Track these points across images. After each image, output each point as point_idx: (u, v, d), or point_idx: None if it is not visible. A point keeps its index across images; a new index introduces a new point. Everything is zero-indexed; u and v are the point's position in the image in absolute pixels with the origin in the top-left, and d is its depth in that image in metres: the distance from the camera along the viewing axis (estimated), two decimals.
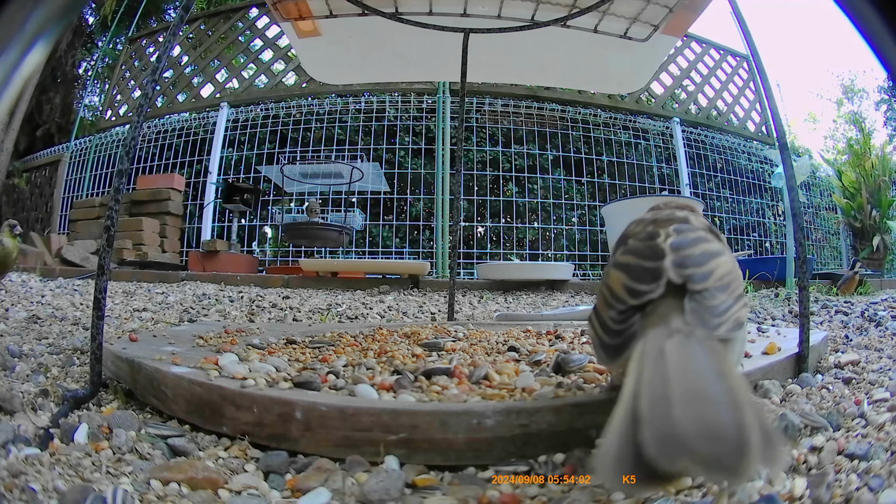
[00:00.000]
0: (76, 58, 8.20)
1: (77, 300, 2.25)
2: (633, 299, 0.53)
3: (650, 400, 0.40)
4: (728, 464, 0.35)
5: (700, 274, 0.53)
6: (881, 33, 0.39)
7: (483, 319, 1.99)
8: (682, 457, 0.35)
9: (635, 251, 0.58)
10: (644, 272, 0.55)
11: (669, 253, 0.55)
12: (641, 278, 0.54)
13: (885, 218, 5.73)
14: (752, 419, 0.37)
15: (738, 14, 1.11)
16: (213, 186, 4.92)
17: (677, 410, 0.38)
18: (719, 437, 0.36)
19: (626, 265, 0.57)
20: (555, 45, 1.77)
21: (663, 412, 0.38)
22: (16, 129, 6.43)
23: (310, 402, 0.63)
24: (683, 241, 0.57)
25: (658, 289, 0.52)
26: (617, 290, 0.55)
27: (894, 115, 12.38)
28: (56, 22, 0.40)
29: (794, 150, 7.10)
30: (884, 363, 0.99)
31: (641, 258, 0.57)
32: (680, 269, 0.53)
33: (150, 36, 6.34)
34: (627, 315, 0.53)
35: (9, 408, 0.71)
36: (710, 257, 0.56)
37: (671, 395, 0.39)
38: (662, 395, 0.40)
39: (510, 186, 5.26)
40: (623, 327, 0.52)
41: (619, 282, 0.56)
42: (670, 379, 0.41)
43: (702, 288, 0.52)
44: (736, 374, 0.43)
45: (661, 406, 0.39)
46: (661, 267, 0.54)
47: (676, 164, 5.45)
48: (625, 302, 0.54)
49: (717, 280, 0.54)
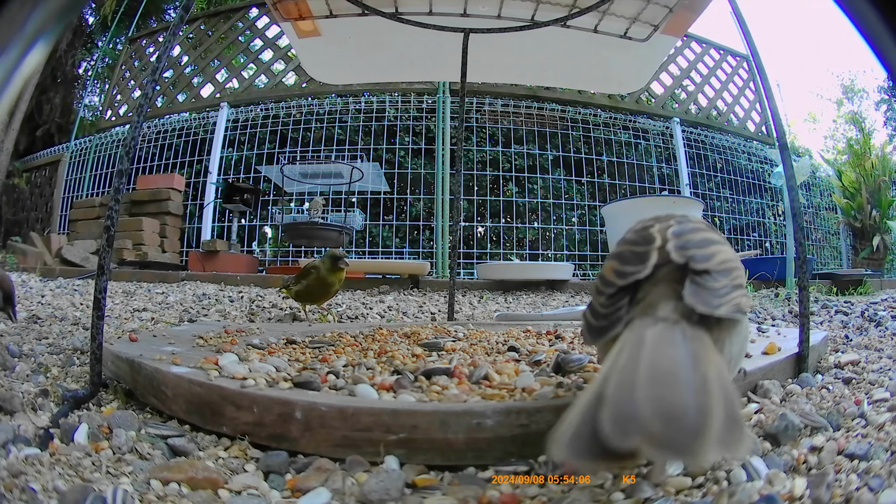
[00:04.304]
0: (76, 58, 8.20)
1: (77, 300, 2.25)
2: (621, 280, 0.54)
3: (617, 383, 0.40)
4: (682, 445, 0.35)
5: (702, 255, 0.54)
6: (881, 33, 0.39)
7: (483, 319, 1.99)
8: (634, 435, 0.36)
9: (628, 241, 0.60)
10: (633, 256, 0.56)
11: (671, 238, 0.56)
12: (630, 261, 0.56)
13: (885, 218, 5.73)
14: (718, 405, 0.38)
15: (738, 14, 1.11)
16: (213, 186, 4.92)
17: (640, 392, 0.38)
18: (676, 419, 0.36)
19: (619, 253, 0.59)
20: (555, 45, 1.77)
21: (627, 393, 0.39)
22: (16, 129, 6.44)
23: (310, 402, 0.63)
24: (684, 229, 0.58)
25: (645, 269, 0.54)
26: (607, 276, 0.57)
27: (894, 115, 12.38)
28: (56, 22, 0.40)
29: (794, 150, 7.10)
30: (884, 363, 0.99)
31: (633, 245, 0.58)
32: (682, 250, 0.54)
33: (150, 36, 6.33)
34: (616, 299, 0.54)
35: (9, 408, 0.71)
36: (711, 243, 0.57)
37: (638, 379, 0.40)
38: (630, 379, 0.40)
39: (510, 186, 5.26)
40: (610, 310, 0.53)
41: (609, 268, 0.58)
42: (641, 364, 0.42)
43: (703, 268, 0.53)
44: (715, 362, 0.44)
45: (626, 388, 0.39)
46: (650, 250, 0.55)
47: (676, 164, 5.45)
48: (613, 284, 0.55)
49: (719, 264, 0.54)
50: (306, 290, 1.85)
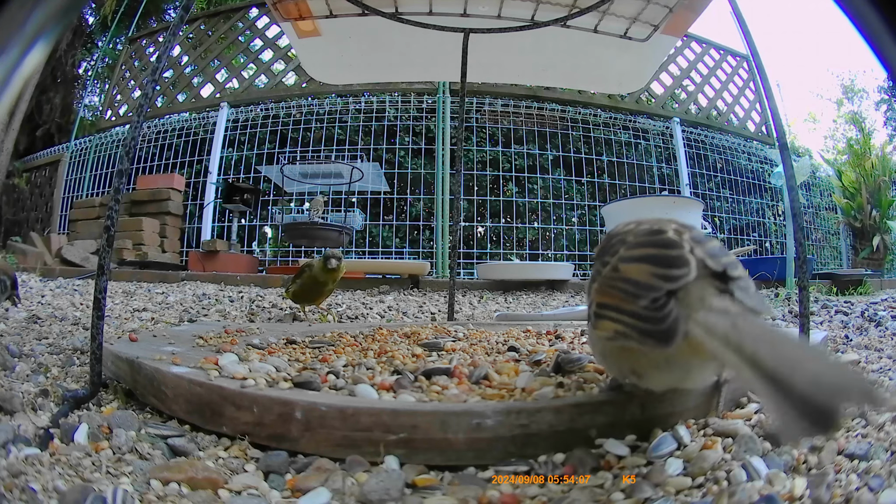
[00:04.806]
0: (76, 58, 8.20)
1: (77, 300, 2.25)
2: (670, 284, 0.54)
3: (776, 363, 0.42)
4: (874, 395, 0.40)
5: (731, 262, 0.57)
6: (881, 33, 0.39)
7: (483, 319, 1.99)
8: (849, 399, 0.39)
9: (648, 244, 0.60)
10: (671, 259, 0.56)
11: (695, 245, 0.58)
12: (672, 264, 0.56)
13: (885, 218, 5.73)
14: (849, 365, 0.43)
15: (738, 14, 1.11)
16: (213, 186, 4.92)
17: (810, 365, 0.41)
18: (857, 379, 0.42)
19: (645, 256, 0.59)
20: (555, 45, 1.77)
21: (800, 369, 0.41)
22: (16, 129, 6.44)
23: (310, 402, 0.63)
24: (701, 236, 0.60)
25: (692, 272, 0.55)
26: (644, 280, 0.56)
27: (894, 115, 12.38)
28: (56, 22, 0.40)
29: (794, 150, 7.10)
30: (884, 363, 0.99)
31: (660, 248, 0.58)
32: (715, 258, 0.56)
33: (150, 36, 6.34)
34: (663, 302, 0.54)
35: (9, 408, 0.71)
36: (726, 251, 0.59)
37: (791, 356, 0.43)
38: (784, 358, 0.42)
39: (510, 186, 5.26)
40: (663, 313, 0.53)
41: (643, 272, 0.57)
42: (776, 344, 0.45)
43: (738, 275, 0.56)
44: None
45: (792, 365, 0.41)
46: (685, 254, 0.56)
47: (676, 164, 5.45)
48: (659, 288, 0.54)
49: (743, 271, 0.57)
50: (301, 289, 1.84)
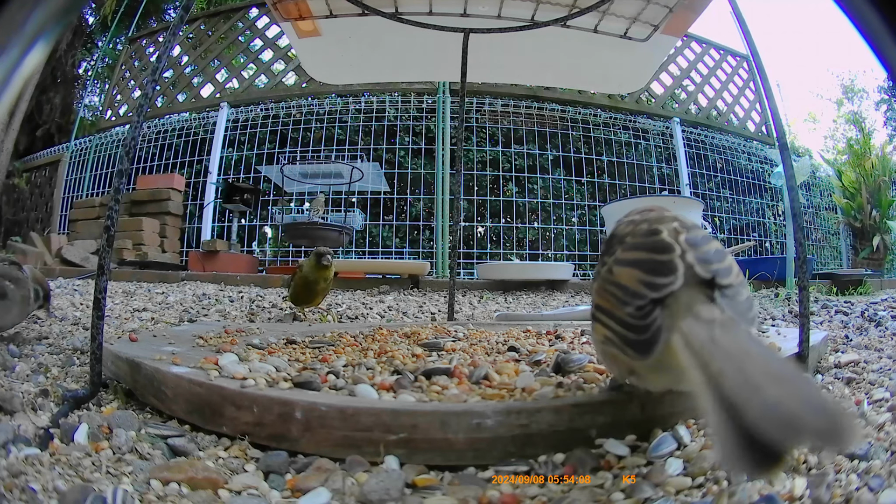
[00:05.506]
0: (76, 58, 8.20)
1: (77, 300, 2.25)
2: (654, 292, 0.53)
3: (737, 386, 0.39)
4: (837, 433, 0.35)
5: (724, 269, 0.54)
6: (881, 33, 0.39)
7: (483, 319, 1.99)
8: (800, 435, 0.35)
9: (641, 247, 0.58)
10: (659, 265, 0.54)
11: (688, 249, 0.55)
12: (658, 271, 0.54)
13: (885, 218, 5.73)
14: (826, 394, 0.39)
15: (738, 14, 1.11)
16: (213, 186, 4.92)
17: (772, 391, 0.37)
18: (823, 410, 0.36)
19: (636, 261, 0.57)
20: (555, 45, 1.77)
21: (757, 395, 0.38)
22: (16, 129, 6.43)
23: (310, 402, 0.63)
24: (697, 238, 0.57)
25: (678, 280, 0.52)
26: (632, 286, 0.55)
27: (894, 115, 12.37)
28: (56, 22, 0.40)
29: (794, 150, 7.10)
30: (884, 363, 0.99)
31: (651, 252, 0.56)
32: (705, 264, 0.54)
33: (150, 36, 6.33)
34: (648, 310, 0.52)
35: (9, 408, 0.71)
36: (724, 254, 0.57)
37: (756, 379, 0.39)
38: (747, 380, 0.39)
39: (510, 186, 5.26)
40: (647, 322, 0.52)
41: (632, 278, 0.55)
42: (746, 363, 0.41)
43: (728, 283, 0.53)
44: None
45: (752, 389, 0.38)
46: (674, 260, 0.54)
47: (676, 164, 5.45)
48: (644, 296, 0.53)
49: (737, 276, 0.55)
50: (295, 291, 1.84)
